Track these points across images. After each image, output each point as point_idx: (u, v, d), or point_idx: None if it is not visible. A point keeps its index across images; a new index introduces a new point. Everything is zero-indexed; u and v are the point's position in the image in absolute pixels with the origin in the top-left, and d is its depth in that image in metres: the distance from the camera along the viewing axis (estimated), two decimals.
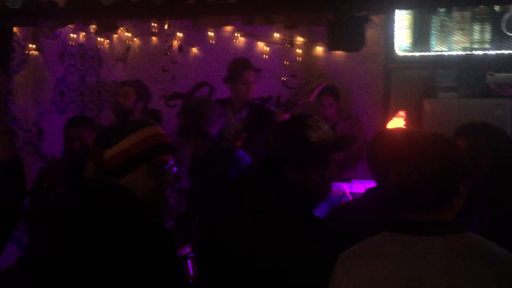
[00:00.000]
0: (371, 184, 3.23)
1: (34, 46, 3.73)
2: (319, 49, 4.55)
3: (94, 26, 4.43)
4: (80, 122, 3.04)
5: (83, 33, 4.53)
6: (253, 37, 4.59)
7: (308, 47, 4.51)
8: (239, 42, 4.65)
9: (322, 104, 4.07)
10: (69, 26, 4.20)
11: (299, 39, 4.42)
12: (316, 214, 1.71)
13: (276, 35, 4.50)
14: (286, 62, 4.43)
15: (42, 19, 3.11)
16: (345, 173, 4.20)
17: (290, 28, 3.98)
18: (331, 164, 1.65)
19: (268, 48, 4.59)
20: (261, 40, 4.59)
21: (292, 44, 4.23)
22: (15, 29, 3.51)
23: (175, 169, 1.66)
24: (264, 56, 4.59)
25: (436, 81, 3.94)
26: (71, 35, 4.39)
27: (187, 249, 2.67)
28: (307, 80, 4.25)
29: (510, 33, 2.59)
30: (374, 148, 1.88)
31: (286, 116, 3.11)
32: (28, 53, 3.73)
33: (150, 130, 1.60)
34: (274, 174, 1.62)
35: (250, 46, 4.66)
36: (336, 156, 1.68)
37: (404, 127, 2.81)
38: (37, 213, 2.84)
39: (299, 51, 4.44)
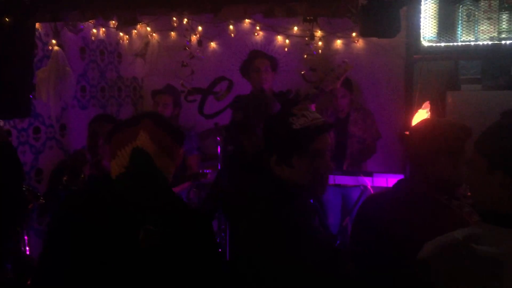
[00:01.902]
0: (393, 178, 3.20)
1: (55, 41, 3.75)
2: (339, 42, 4.51)
3: (114, 21, 4.44)
4: (104, 118, 3.13)
5: (103, 29, 4.55)
6: (272, 30, 4.56)
7: (327, 40, 4.47)
8: (258, 36, 4.63)
9: (335, 95, 4.05)
10: (90, 21, 4.22)
11: (319, 32, 4.38)
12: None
13: (296, 28, 4.47)
14: (306, 56, 4.39)
15: (64, 10, 3.12)
16: (366, 167, 4.19)
17: (310, 21, 3.94)
18: (322, 153, 1.58)
19: (287, 42, 4.56)
20: (280, 34, 4.56)
21: (312, 37, 4.19)
22: (37, 25, 3.53)
23: None
24: (283, 49, 4.56)
25: (460, 73, 3.88)
26: (92, 30, 4.41)
27: None
28: (330, 69, 4.22)
29: None
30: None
31: (313, 107, 3.08)
32: (50, 49, 3.75)
33: None
34: (261, 167, 1.60)
35: (269, 40, 4.64)
36: (326, 146, 1.59)
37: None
38: (59, 204, 2.86)
39: (319, 44, 4.41)
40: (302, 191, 1.57)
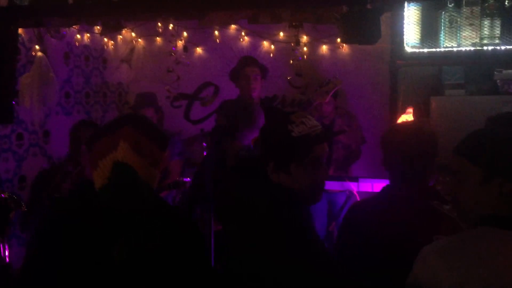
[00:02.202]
0: (378, 182, 3.21)
1: (39, 47, 3.71)
2: (324, 48, 4.53)
3: (98, 27, 4.42)
4: (86, 125, 3.07)
5: (88, 34, 4.52)
6: (258, 36, 4.56)
7: (313, 45, 4.49)
8: (244, 41, 4.63)
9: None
10: (74, 27, 4.19)
11: (305, 38, 4.40)
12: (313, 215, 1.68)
13: (281, 34, 4.48)
14: (291, 61, 4.41)
15: (48, 16, 3.09)
16: (351, 172, 4.20)
17: (296, 26, 3.95)
18: (320, 161, 1.58)
19: (273, 47, 4.57)
20: (266, 39, 4.57)
21: (297, 42, 4.20)
22: (20, 30, 3.50)
23: None
24: (269, 55, 4.57)
25: (443, 78, 3.91)
26: (76, 36, 4.38)
27: None
28: (317, 80, 4.24)
29: None
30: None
31: None
32: (33, 55, 3.72)
33: None
34: (257, 173, 1.59)
35: (255, 46, 4.64)
36: (324, 154, 1.59)
37: None
38: (45, 213, 2.84)
39: (304, 49, 4.42)
40: (298, 197, 1.56)
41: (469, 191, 1.37)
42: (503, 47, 2.70)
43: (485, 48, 2.75)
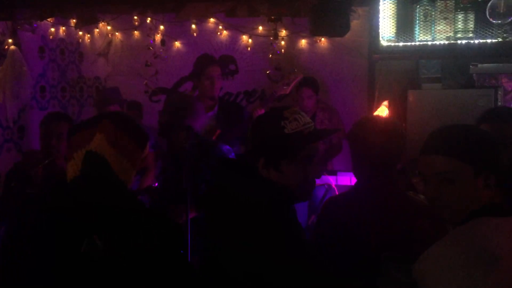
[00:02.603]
0: None
1: (11, 40, 3.65)
2: (303, 42, 4.53)
3: (74, 20, 4.35)
4: (57, 117, 2.96)
5: (63, 28, 4.44)
6: (236, 29, 4.54)
7: (292, 39, 4.49)
8: (222, 35, 4.61)
9: (301, 95, 4.06)
10: (48, 20, 4.11)
11: (283, 32, 4.40)
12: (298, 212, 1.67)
13: (260, 27, 4.47)
14: (270, 55, 4.40)
15: (21, 7, 3.02)
16: (332, 166, 4.22)
17: (274, 20, 3.94)
18: (312, 159, 1.56)
19: (251, 41, 4.55)
20: (244, 33, 4.55)
21: (276, 36, 4.19)
22: None
23: None
24: (248, 49, 4.55)
25: (420, 72, 3.95)
26: (51, 29, 4.30)
27: None
28: (280, 77, 4.24)
29: (494, 20, 2.61)
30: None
31: (262, 111, 3.08)
32: (5, 48, 3.65)
33: None
34: (247, 169, 1.57)
35: (233, 40, 4.62)
36: (316, 152, 1.57)
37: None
38: (16, 204, 2.78)
39: (283, 43, 4.42)
40: (288, 194, 1.54)
41: (461, 189, 1.39)
42: (476, 41, 2.74)
43: (459, 42, 2.78)
